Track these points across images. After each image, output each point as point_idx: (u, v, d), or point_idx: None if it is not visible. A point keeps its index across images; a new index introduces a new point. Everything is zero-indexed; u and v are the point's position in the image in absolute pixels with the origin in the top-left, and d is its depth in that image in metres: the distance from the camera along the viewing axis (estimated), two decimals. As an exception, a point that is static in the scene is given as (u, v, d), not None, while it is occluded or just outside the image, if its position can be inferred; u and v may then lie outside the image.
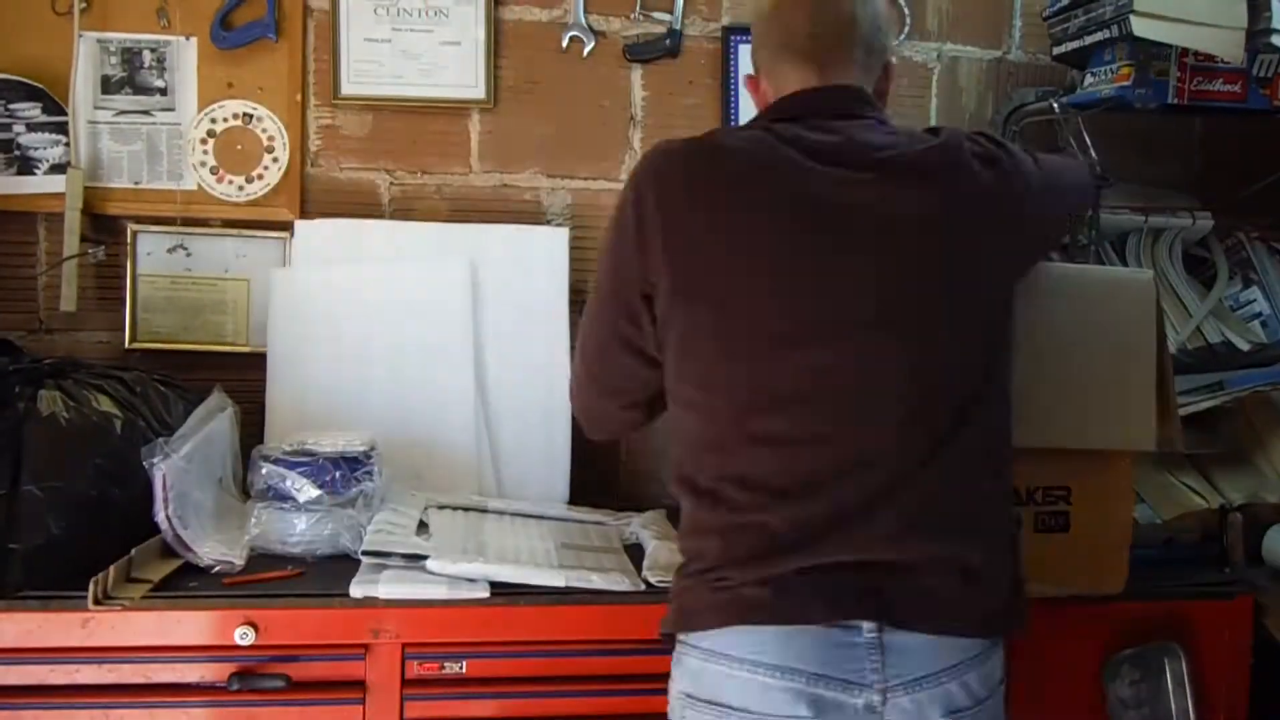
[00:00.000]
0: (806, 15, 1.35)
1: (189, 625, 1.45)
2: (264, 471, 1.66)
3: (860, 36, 1.35)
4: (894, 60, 1.44)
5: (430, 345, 1.97)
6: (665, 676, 1.53)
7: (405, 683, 1.49)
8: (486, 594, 1.51)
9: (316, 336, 1.96)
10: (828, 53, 1.34)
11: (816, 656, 1.18)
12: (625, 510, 1.95)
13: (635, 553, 1.73)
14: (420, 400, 1.96)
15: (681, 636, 1.26)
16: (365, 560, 1.57)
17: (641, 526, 1.84)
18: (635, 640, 1.53)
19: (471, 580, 1.52)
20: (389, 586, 1.49)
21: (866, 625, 1.19)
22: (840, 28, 1.35)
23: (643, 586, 1.57)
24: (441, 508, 1.80)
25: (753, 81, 1.43)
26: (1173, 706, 1.64)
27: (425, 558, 1.54)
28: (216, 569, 1.55)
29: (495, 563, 1.58)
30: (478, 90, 2.12)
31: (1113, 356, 1.54)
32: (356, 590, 1.48)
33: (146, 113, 2.07)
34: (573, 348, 2.05)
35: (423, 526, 1.70)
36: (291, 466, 1.66)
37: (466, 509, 1.83)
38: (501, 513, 1.85)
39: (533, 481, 2.01)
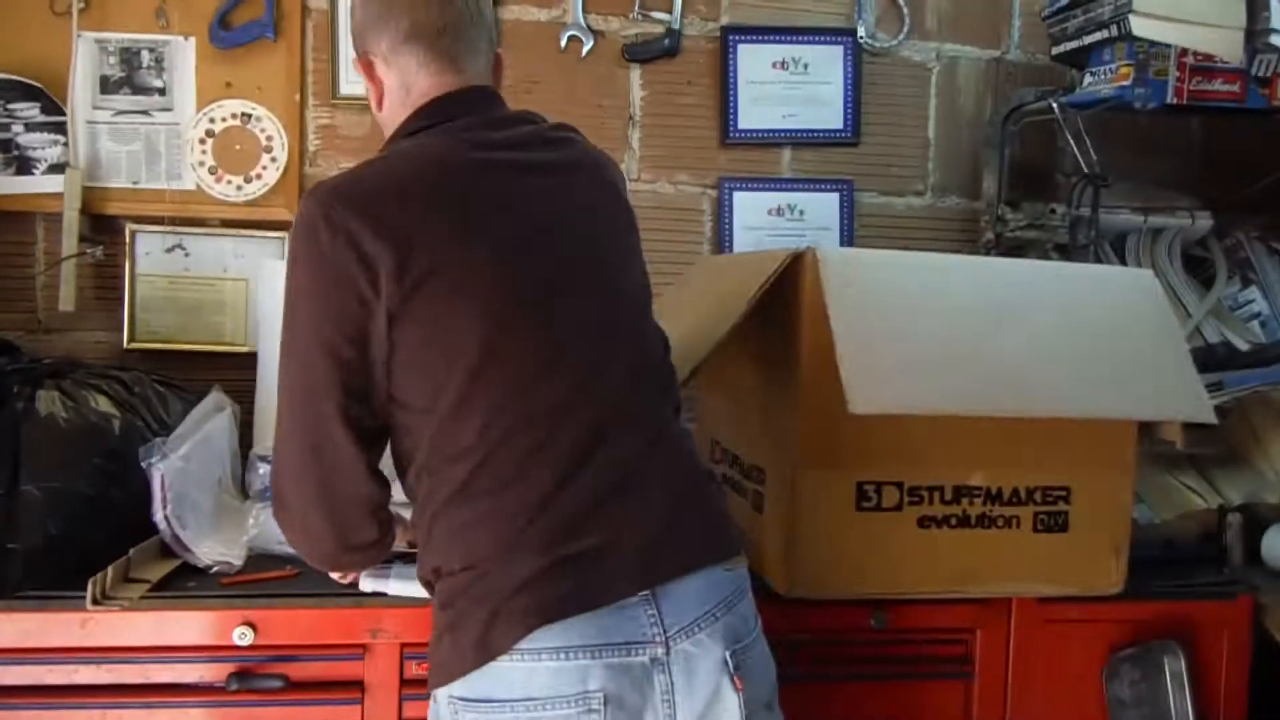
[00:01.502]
0: (435, 3, 1.30)
1: (187, 625, 1.45)
2: (261, 472, 1.66)
3: (486, 27, 1.34)
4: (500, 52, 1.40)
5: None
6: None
7: (404, 682, 1.49)
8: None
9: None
10: (460, 48, 1.31)
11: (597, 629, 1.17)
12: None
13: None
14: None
15: None
16: None
17: None
18: (634, 640, 1.53)
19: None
20: (399, 584, 1.48)
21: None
22: (469, 19, 1.31)
23: None
24: None
25: (367, 66, 1.34)
26: (1172, 706, 1.64)
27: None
28: (215, 569, 1.55)
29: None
30: (477, 90, 2.12)
31: (1145, 339, 1.52)
32: (366, 584, 1.48)
33: (145, 113, 2.07)
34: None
35: None
36: (290, 466, 1.65)
37: None
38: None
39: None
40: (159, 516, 1.53)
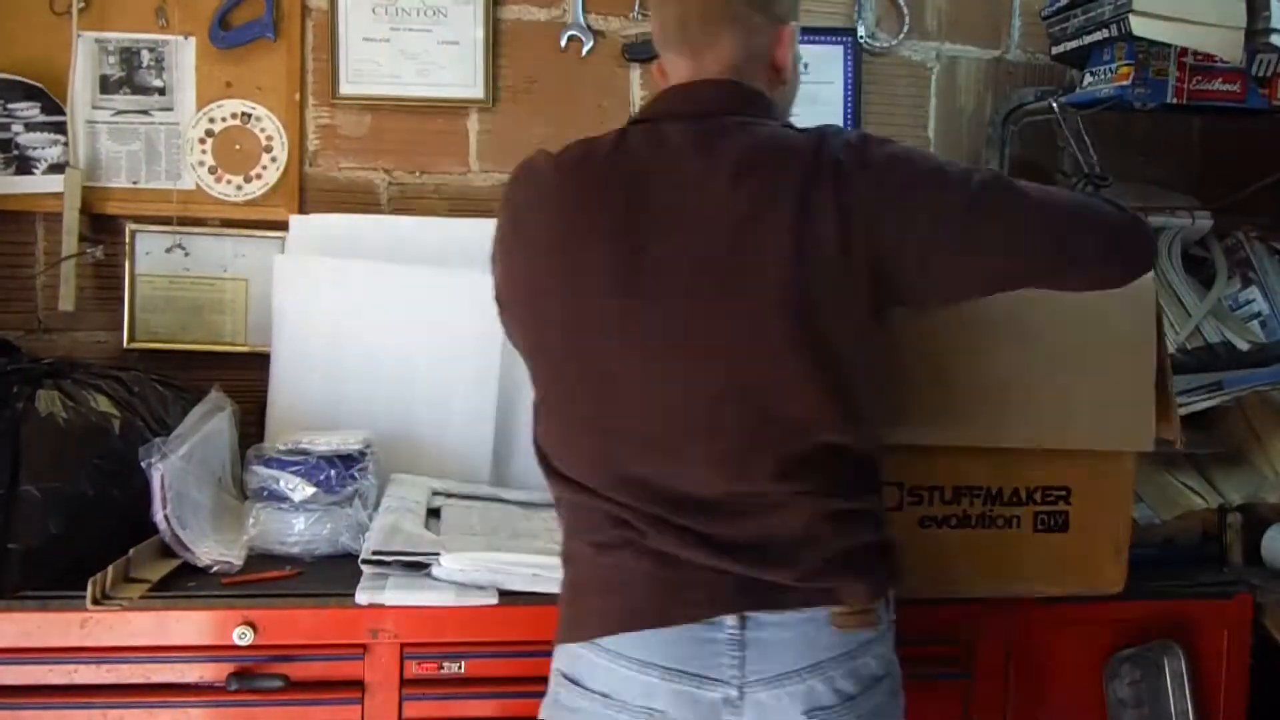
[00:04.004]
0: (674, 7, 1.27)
1: (187, 625, 1.45)
2: (257, 471, 1.66)
3: (732, 12, 1.25)
4: (793, 25, 1.30)
5: (435, 343, 1.95)
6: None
7: (404, 683, 1.49)
8: (495, 600, 1.50)
9: (320, 330, 1.95)
10: (695, 36, 1.25)
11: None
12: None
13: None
14: (422, 395, 1.94)
15: None
16: (366, 569, 1.53)
17: None
18: (634, 640, 1.53)
19: (481, 588, 1.51)
20: (395, 594, 1.48)
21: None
22: (705, 6, 1.25)
23: None
24: (450, 496, 1.81)
25: (660, 69, 1.33)
26: (1172, 706, 1.64)
27: (432, 563, 1.53)
28: (215, 569, 1.55)
29: (510, 539, 1.60)
30: (476, 90, 2.12)
31: (1112, 356, 1.54)
32: (362, 598, 1.47)
33: (145, 112, 2.07)
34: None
35: (433, 515, 1.70)
36: (284, 466, 1.65)
37: (479, 498, 1.85)
38: (511, 502, 1.86)
39: (533, 476, 1.98)
40: (159, 516, 1.53)
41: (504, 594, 1.51)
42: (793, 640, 1.18)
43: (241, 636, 1.44)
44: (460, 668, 1.50)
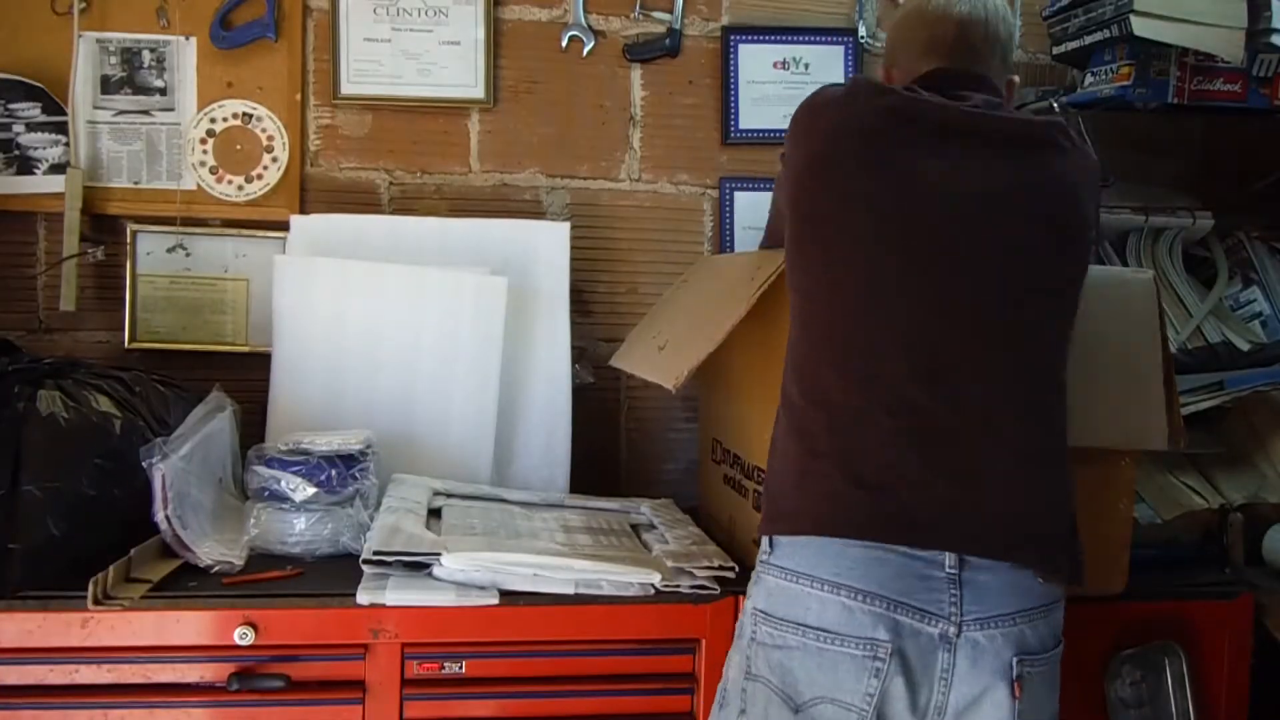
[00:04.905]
0: (954, 27, 1.45)
1: (188, 625, 1.45)
2: (258, 471, 1.66)
3: (999, 47, 1.47)
4: (1016, 79, 1.52)
5: (436, 342, 1.95)
6: (664, 676, 1.54)
7: (405, 683, 1.49)
8: (496, 601, 1.50)
9: (321, 330, 1.94)
10: (966, 56, 1.45)
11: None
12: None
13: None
14: (423, 395, 1.95)
15: None
16: (367, 569, 1.53)
17: (653, 512, 1.86)
18: (636, 640, 1.53)
19: (481, 588, 1.51)
20: (396, 594, 1.48)
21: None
22: (986, 38, 1.46)
23: (657, 577, 1.54)
24: (451, 496, 1.81)
25: (887, 73, 1.55)
26: (1173, 706, 1.64)
27: (433, 563, 1.53)
28: (216, 569, 1.55)
29: (510, 539, 1.61)
30: (477, 90, 2.12)
31: (1120, 356, 1.53)
32: (363, 598, 1.47)
33: (146, 112, 2.07)
34: (573, 345, 2.06)
35: (434, 515, 1.70)
36: (285, 466, 1.65)
37: (480, 498, 1.85)
38: (512, 502, 1.87)
39: (534, 477, 2.01)
40: (160, 516, 1.54)
41: (504, 594, 1.51)
42: (1004, 585, 1.25)
43: (242, 636, 1.44)
44: (461, 668, 1.50)
